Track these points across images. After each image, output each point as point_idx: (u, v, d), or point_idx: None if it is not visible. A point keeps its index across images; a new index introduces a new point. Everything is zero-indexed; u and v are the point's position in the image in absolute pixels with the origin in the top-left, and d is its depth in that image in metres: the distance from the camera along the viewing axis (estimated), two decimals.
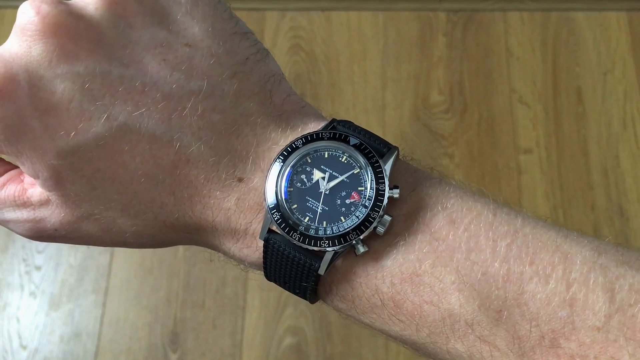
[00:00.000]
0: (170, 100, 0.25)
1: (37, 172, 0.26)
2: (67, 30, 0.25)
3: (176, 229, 0.27)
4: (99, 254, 1.07)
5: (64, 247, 1.07)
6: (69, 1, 0.26)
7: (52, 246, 1.07)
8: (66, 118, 0.24)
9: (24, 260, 1.06)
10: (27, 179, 0.28)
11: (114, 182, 0.26)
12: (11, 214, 0.28)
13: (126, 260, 1.06)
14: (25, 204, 0.27)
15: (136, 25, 0.26)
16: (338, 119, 0.27)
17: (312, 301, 0.28)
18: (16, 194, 0.27)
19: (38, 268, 1.06)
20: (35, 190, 0.27)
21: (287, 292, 1.06)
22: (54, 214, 0.27)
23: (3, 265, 1.06)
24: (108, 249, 1.07)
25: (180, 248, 1.06)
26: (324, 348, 1.00)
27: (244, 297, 1.03)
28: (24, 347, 1.01)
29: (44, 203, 0.27)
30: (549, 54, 1.18)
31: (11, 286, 1.05)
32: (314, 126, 0.27)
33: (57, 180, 0.26)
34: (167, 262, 1.06)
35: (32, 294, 1.04)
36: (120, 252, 1.07)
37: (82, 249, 1.07)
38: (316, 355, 1.00)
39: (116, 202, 0.26)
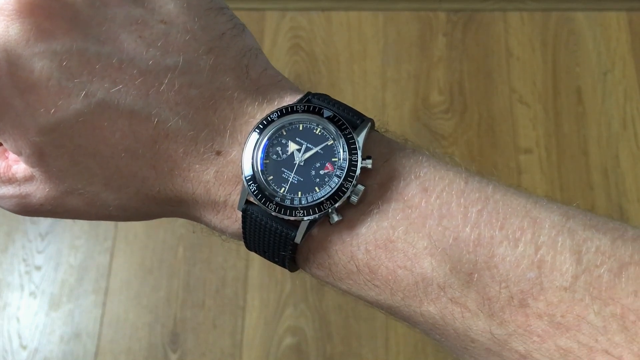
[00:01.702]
0: (147, 76, 0.26)
1: (19, 149, 0.26)
2: (43, 10, 0.25)
3: (158, 202, 0.28)
4: (99, 253, 1.07)
5: (64, 247, 1.07)
6: None
7: (52, 246, 1.07)
8: (46, 95, 0.25)
9: (24, 260, 1.07)
10: (12, 156, 0.28)
11: (96, 158, 0.26)
12: None
13: (126, 260, 1.06)
14: (10, 180, 0.28)
15: (112, 2, 0.26)
16: (313, 92, 0.28)
17: (292, 270, 0.28)
18: (1, 170, 0.28)
19: (38, 268, 1.06)
20: (19, 166, 0.28)
21: (287, 292, 1.06)
22: (38, 189, 0.27)
23: (3, 265, 1.06)
24: (108, 249, 1.07)
25: (180, 248, 1.06)
26: (324, 348, 1.00)
27: (244, 297, 1.03)
28: (24, 347, 1.01)
29: (28, 179, 0.28)
30: (549, 54, 1.18)
31: (11, 286, 1.05)
32: (290, 99, 0.28)
33: (39, 157, 0.26)
34: (167, 262, 1.06)
35: (32, 294, 1.04)
36: (120, 252, 1.07)
37: (82, 249, 1.07)
38: (316, 355, 1.00)
39: (99, 177, 0.27)
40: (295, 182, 0.26)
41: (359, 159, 0.26)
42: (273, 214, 0.26)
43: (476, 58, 1.18)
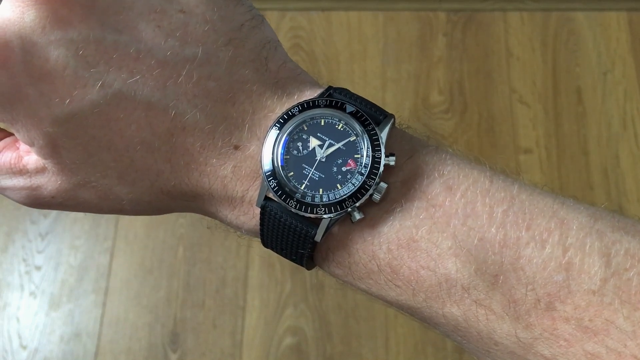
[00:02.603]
0: (165, 67, 0.25)
1: (32, 140, 0.26)
2: None
3: (173, 197, 0.27)
4: (99, 254, 1.07)
5: (64, 247, 1.07)
6: None
7: (52, 246, 1.07)
8: (61, 85, 0.24)
9: (24, 260, 1.06)
10: (23, 147, 0.28)
11: (110, 150, 0.26)
12: (7, 182, 0.28)
13: (126, 260, 1.06)
14: (21, 172, 0.27)
15: None
16: (334, 86, 0.27)
17: (309, 267, 0.28)
18: (12, 161, 0.27)
19: (38, 268, 1.06)
20: (31, 157, 0.27)
21: (287, 292, 1.06)
22: (50, 182, 0.27)
23: (3, 265, 1.06)
24: (108, 249, 1.07)
25: (180, 248, 1.06)
26: (324, 348, 1.00)
27: (244, 297, 1.03)
28: (24, 347, 1.01)
29: (40, 170, 0.27)
30: (549, 54, 1.18)
31: (11, 286, 1.05)
32: (311, 94, 0.27)
33: (52, 148, 0.26)
34: (167, 262, 1.06)
35: (32, 294, 1.04)
36: (120, 252, 1.07)
37: (82, 249, 1.07)
38: (316, 355, 1.00)
39: (113, 169, 0.26)
40: (317, 178, 0.26)
41: (382, 156, 0.25)
42: (293, 210, 0.25)
43: (476, 58, 1.18)
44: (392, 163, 0.25)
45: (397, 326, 1.00)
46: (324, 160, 0.26)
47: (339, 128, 0.26)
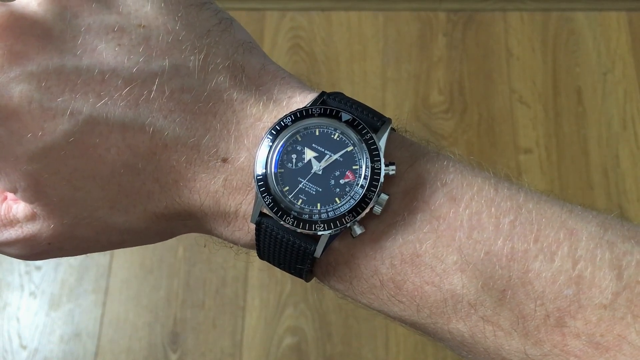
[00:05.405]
0: (133, 85, 0.24)
1: (14, 184, 0.25)
2: (12, 31, 0.24)
3: (168, 218, 0.27)
4: (99, 253, 1.07)
5: None
6: (10, 2, 0.25)
7: None
8: (30, 120, 0.24)
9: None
10: (11, 196, 0.27)
11: (95, 179, 0.25)
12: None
13: (126, 260, 1.06)
14: (12, 222, 0.26)
15: (83, 13, 0.25)
16: (328, 91, 0.26)
17: (307, 280, 0.27)
18: (1, 212, 0.27)
19: (38, 268, 1.06)
20: (19, 205, 0.26)
21: (287, 292, 1.06)
22: (43, 228, 0.26)
23: (3, 265, 1.06)
24: None
25: (180, 248, 1.06)
26: (324, 348, 1.00)
27: (244, 297, 1.03)
28: (24, 347, 1.01)
29: (30, 218, 0.26)
30: (549, 54, 1.18)
31: (11, 286, 1.05)
32: (301, 99, 0.26)
33: (36, 188, 0.25)
34: (167, 262, 1.06)
35: (32, 294, 1.04)
36: (120, 252, 1.07)
37: None
38: (316, 355, 1.00)
39: (102, 200, 0.25)
40: (313, 192, 0.25)
41: (382, 166, 0.24)
42: (290, 228, 0.24)
43: (476, 58, 1.18)
44: (393, 172, 0.24)
45: (397, 326, 1.00)
46: (320, 172, 0.25)
47: (335, 138, 0.25)
